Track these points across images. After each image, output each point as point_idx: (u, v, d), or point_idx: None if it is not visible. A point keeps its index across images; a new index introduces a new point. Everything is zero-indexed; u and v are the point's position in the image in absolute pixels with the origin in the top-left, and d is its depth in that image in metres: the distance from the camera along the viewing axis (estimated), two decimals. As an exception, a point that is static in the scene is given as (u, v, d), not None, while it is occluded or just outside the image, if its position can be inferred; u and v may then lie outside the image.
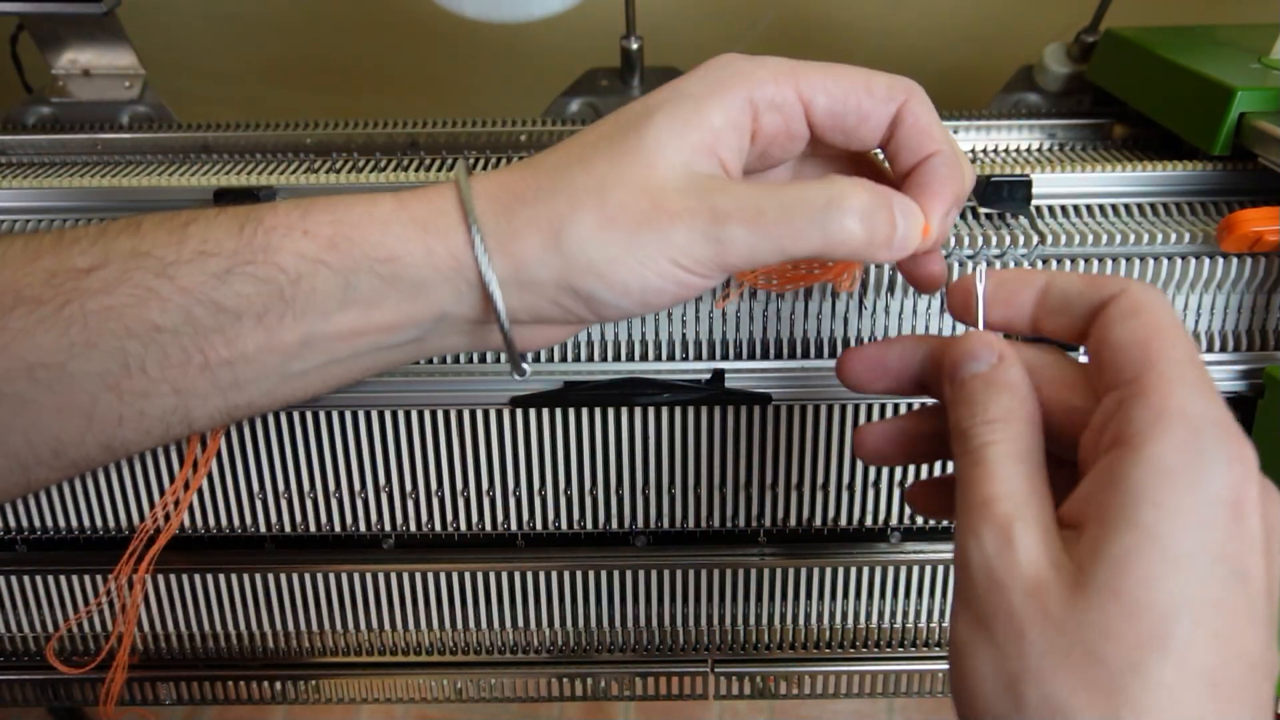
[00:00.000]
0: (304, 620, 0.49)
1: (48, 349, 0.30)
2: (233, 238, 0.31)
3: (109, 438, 0.32)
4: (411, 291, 0.32)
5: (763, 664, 0.49)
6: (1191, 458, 0.25)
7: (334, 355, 0.33)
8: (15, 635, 0.49)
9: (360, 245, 0.31)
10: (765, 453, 0.45)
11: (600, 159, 0.31)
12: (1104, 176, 0.45)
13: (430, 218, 0.31)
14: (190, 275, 0.30)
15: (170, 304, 0.30)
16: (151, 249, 0.31)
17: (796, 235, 0.30)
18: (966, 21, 0.73)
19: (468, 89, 0.79)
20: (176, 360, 0.31)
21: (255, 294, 0.31)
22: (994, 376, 0.29)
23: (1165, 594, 0.24)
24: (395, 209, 0.31)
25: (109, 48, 0.57)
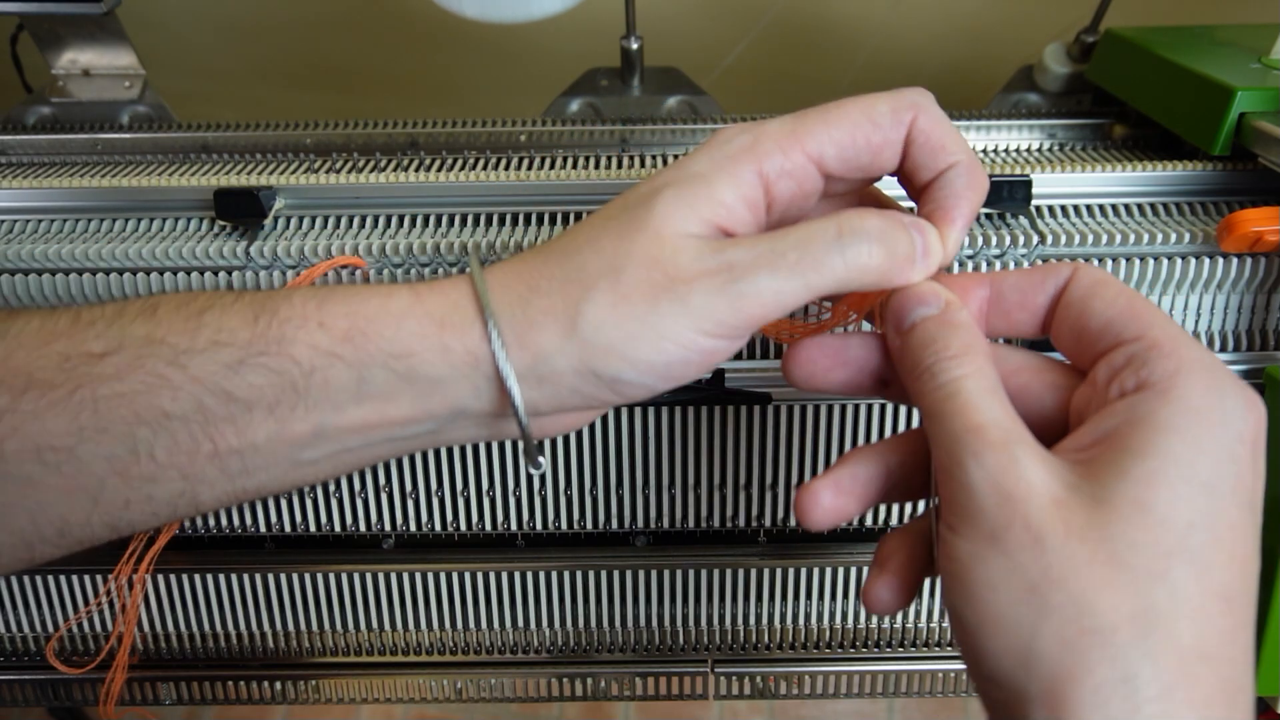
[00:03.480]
0: (304, 620, 0.49)
1: (57, 433, 0.30)
2: (247, 328, 0.31)
3: (115, 519, 0.32)
4: (427, 387, 0.31)
5: (763, 664, 0.49)
6: (1215, 399, 0.26)
7: (346, 445, 0.33)
8: (15, 635, 0.49)
9: (375, 340, 0.31)
10: (765, 453, 0.45)
11: (609, 238, 0.30)
12: (1104, 176, 0.45)
13: (446, 313, 0.31)
14: (203, 365, 0.30)
15: (182, 392, 0.30)
16: (166, 336, 0.30)
17: (819, 267, 0.29)
18: (966, 21, 0.73)
19: (468, 89, 0.79)
20: (185, 447, 0.31)
21: (267, 385, 0.31)
22: (947, 318, 0.30)
23: (1189, 512, 0.25)
24: (411, 303, 0.31)
25: (109, 48, 0.57)
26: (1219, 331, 0.43)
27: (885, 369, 0.32)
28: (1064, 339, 0.30)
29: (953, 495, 0.27)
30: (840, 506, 0.31)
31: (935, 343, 0.29)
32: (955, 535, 0.27)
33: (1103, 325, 0.28)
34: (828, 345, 0.32)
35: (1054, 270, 0.30)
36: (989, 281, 0.31)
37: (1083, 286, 0.30)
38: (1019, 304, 0.31)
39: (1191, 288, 0.42)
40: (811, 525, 0.32)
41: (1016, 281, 0.31)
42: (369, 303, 0.31)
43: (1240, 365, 0.43)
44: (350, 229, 0.44)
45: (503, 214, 0.44)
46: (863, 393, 0.33)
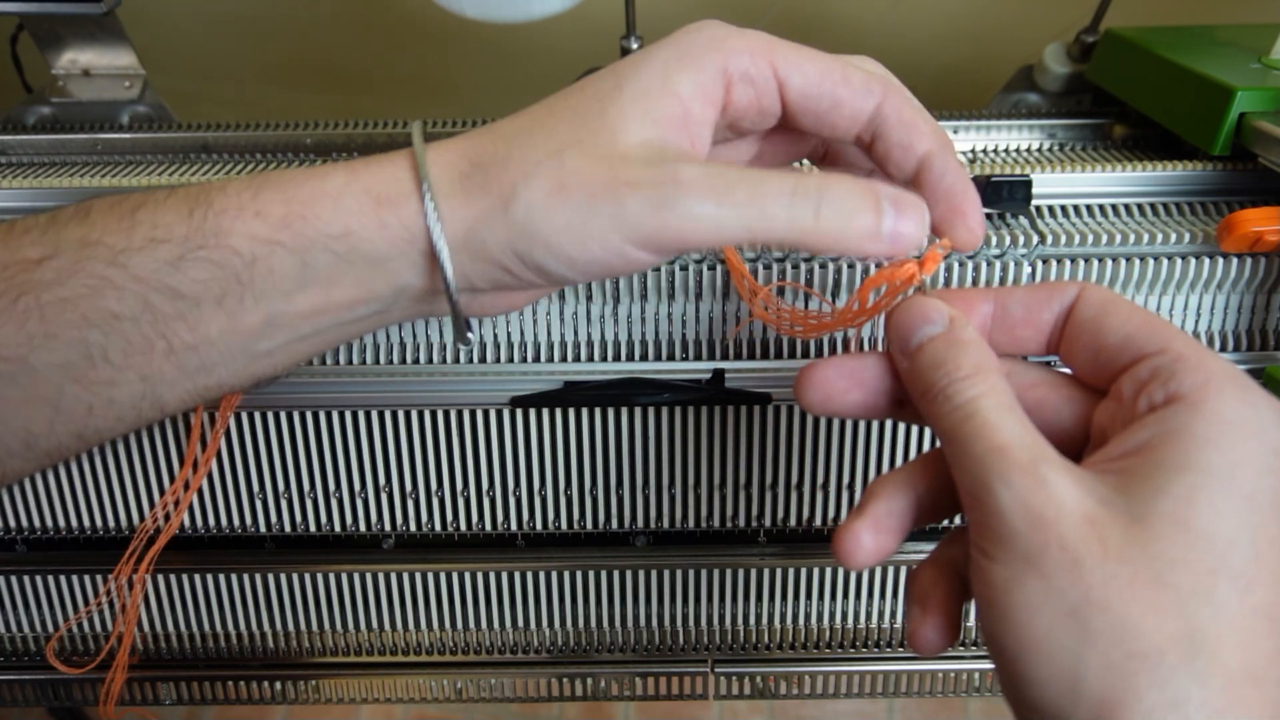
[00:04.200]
0: (304, 620, 0.49)
1: (6, 343, 0.30)
2: (182, 222, 0.30)
3: (80, 427, 0.32)
4: (369, 267, 0.31)
5: (763, 664, 0.49)
6: (1250, 411, 0.25)
7: (298, 333, 0.32)
8: (15, 635, 0.49)
9: (313, 223, 0.30)
10: (765, 453, 0.45)
11: (563, 125, 0.30)
12: (1104, 176, 0.45)
13: (384, 188, 0.31)
14: (143, 263, 0.30)
15: (126, 292, 0.30)
16: (101, 237, 0.30)
17: (765, 215, 0.29)
18: (966, 21, 0.73)
19: (468, 89, 0.79)
20: (139, 347, 0.31)
21: (211, 279, 0.30)
22: (954, 336, 0.29)
23: (1232, 527, 0.24)
24: (347, 180, 0.31)
25: (109, 48, 0.57)
26: (1219, 331, 0.43)
27: (900, 389, 0.31)
28: (1078, 357, 0.29)
29: (983, 520, 0.26)
30: (881, 546, 0.30)
31: (945, 363, 0.28)
32: (989, 560, 0.26)
33: (1122, 340, 0.28)
34: (843, 367, 0.31)
35: (1060, 288, 0.30)
36: (994, 297, 0.31)
37: (1093, 305, 0.29)
38: (1024, 320, 0.30)
39: (1191, 288, 0.42)
40: (855, 568, 0.31)
41: (1022, 298, 0.30)
42: (304, 186, 0.31)
43: (1240, 365, 0.43)
44: (350, 229, 0.44)
45: (503, 214, 0.44)
46: (879, 414, 0.32)
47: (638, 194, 0.28)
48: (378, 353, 0.43)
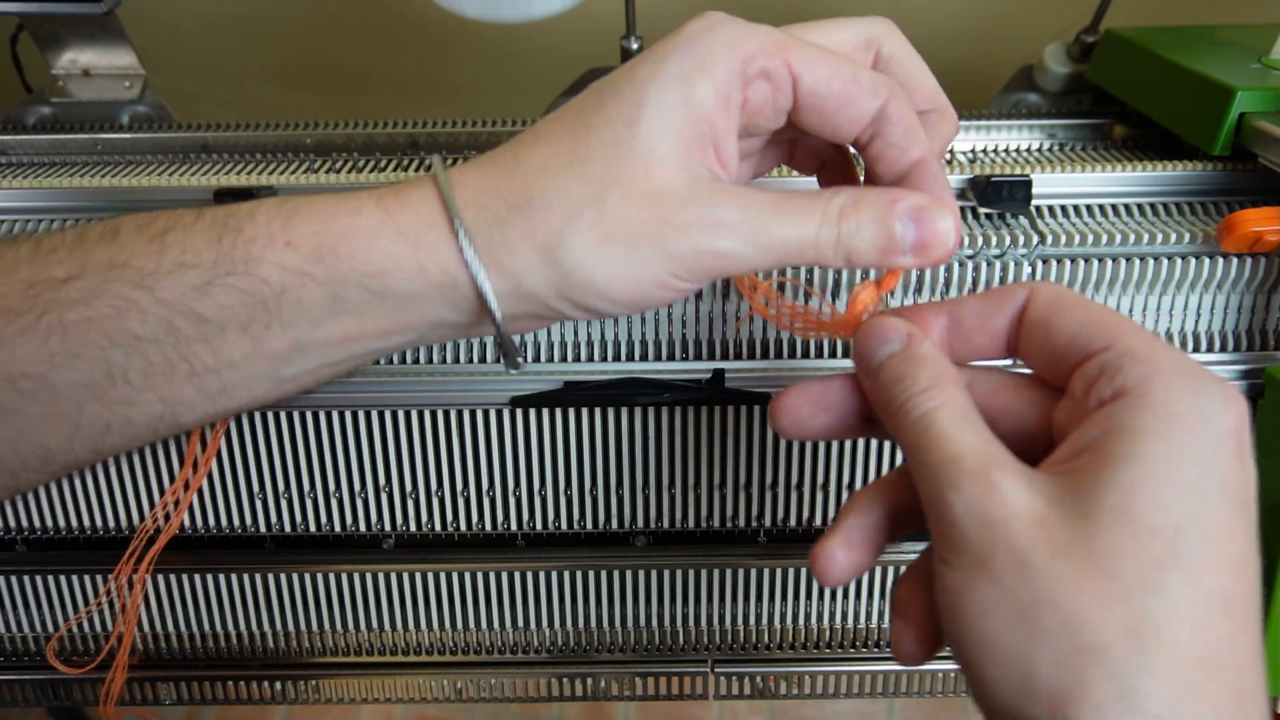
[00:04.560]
0: (304, 620, 0.49)
1: (28, 360, 0.30)
2: (211, 248, 0.30)
3: (97, 443, 0.32)
4: (404, 303, 0.31)
5: (763, 664, 0.49)
6: (1194, 399, 0.25)
7: (327, 359, 0.32)
8: (15, 635, 0.49)
9: (346, 260, 0.30)
10: (765, 453, 0.45)
11: (595, 160, 0.30)
12: (1104, 176, 0.45)
13: (419, 230, 0.30)
14: (170, 287, 0.30)
15: (150, 315, 0.30)
16: (130, 259, 0.30)
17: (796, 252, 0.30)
18: (966, 21, 0.73)
19: (468, 89, 0.79)
20: (161, 369, 0.31)
21: (238, 305, 0.30)
22: (911, 352, 0.29)
23: (1177, 516, 0.24)
24: (381, 220, 0.31)
25: (109, 48, 0.57)
26: (1219, 331, 0.43)
27: (867, 408, 0.32)
28: (1035, 359, 0.30)
29: (940, 529, 0.26)
30: (856, 561, 0.31)
31: (904, 379, 0.29)
32: (946, 567, 0.26)
33: (1069, 338, 0.28)
34: (809, 393, 0.32)
35: (1010, 292, 0.30)
36: (946, 309, 0.31)
37: (1042, 304, 0.29)
38: (978, 329, 0.31)
39: (1191, 288, 0.42)
40: (831, 583, 0.31)
41: (974, 307, 0.31)
42: (338, 219, 0.30)
43: (1240, 365, 0.43)
44: (350, 229, 0.44)
45: (503, 214, 0.44)
46: (850, 434, 0.32)
47: (682, 238, 0.30)
48: (378, 353, 0.43)
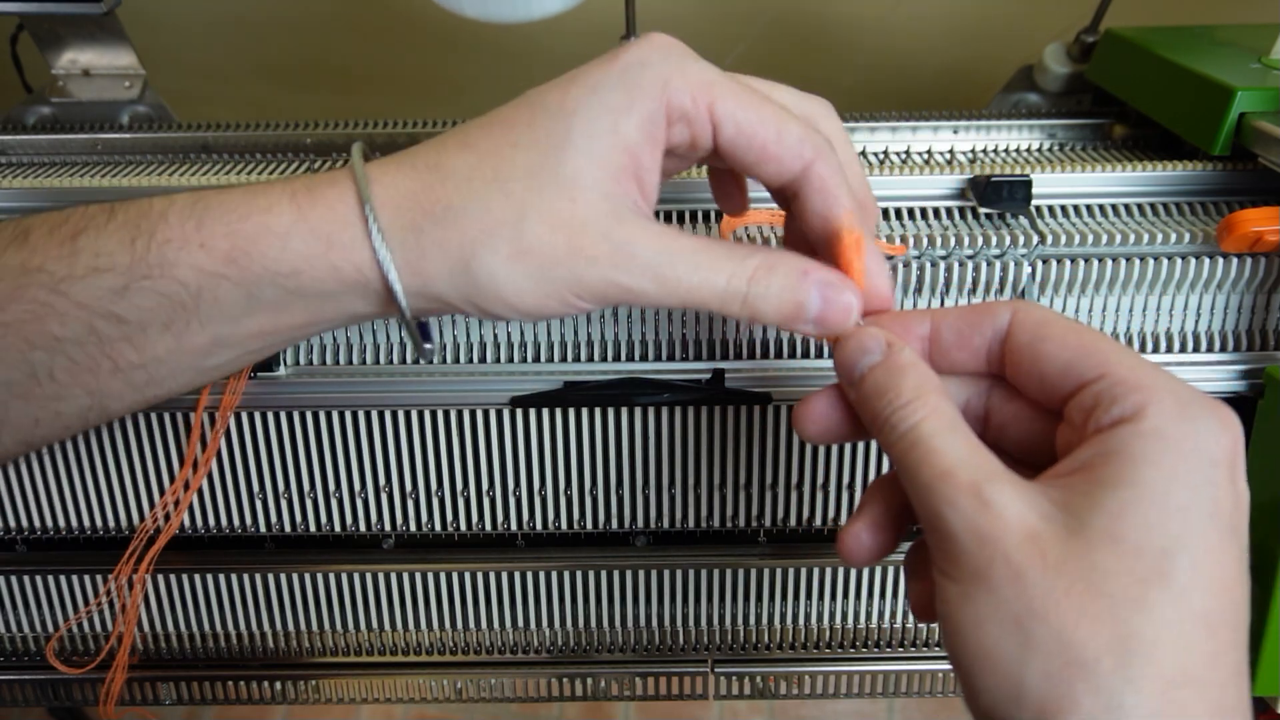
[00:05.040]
0: (304, 620, 0.49)
1: None
2: (125, 251, 0.30)
3: (27, 436, 0.32)
4: (319, 300, 0.31)
5: (763, 664, 0.49)
6: (1186, 426, 0.26)
7: (247, 349, 0.33)
8: (15, 635, 0.49)
9: (259, 261, 0.30)
10: (765, 453, 0.45)
11: (518, 180, 0.30)
12: (1104, 176, 0.45)
13: (332, 231, 0.30)
14: (85, 291, 0.30)
15: (69, 318, 0.30)
16: (43, 264, 0.30)
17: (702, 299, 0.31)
18: (966, 21, 0.73)
19: (468, 89, 0.79)
20: (86, 366, 0.31)
21: (156, 306, 0.30)
22: (891, 362, 0.29)
23: (1165, 539, 0.25)
24: (294, 220, 0.30)
25: (109, 48, 0.57)
26: (1219, 331, 0.43)
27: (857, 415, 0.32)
28: (1025, 385, 0.30)
29: (938, 543, 0.27)
30: (882, 543, 0.31)
31: (886, 392, 0.29)
32: (945, 579, 0.27)
33: (1062, 369, 0.28)
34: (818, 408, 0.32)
35: (991, 311, 0.30)
36: (929, 319, 0.31)
37: (1027, 330, 0.29)
38: (956, 344, 0.31)
39: (1191, 288, 0.42)
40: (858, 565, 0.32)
41: (954, 322, 0.31)
42: (249, 220, 0.31)
43: (1240, 365, 0.43)
44: (350, 229, 0.44)
45: (503, 214, 0.44)
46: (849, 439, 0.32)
47: (594, 267, 0.30)
48: (378, 353, 0.43)
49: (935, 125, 0.52)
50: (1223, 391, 0.43)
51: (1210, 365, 0.43)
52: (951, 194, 0.45)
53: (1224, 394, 0.43)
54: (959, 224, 0.44)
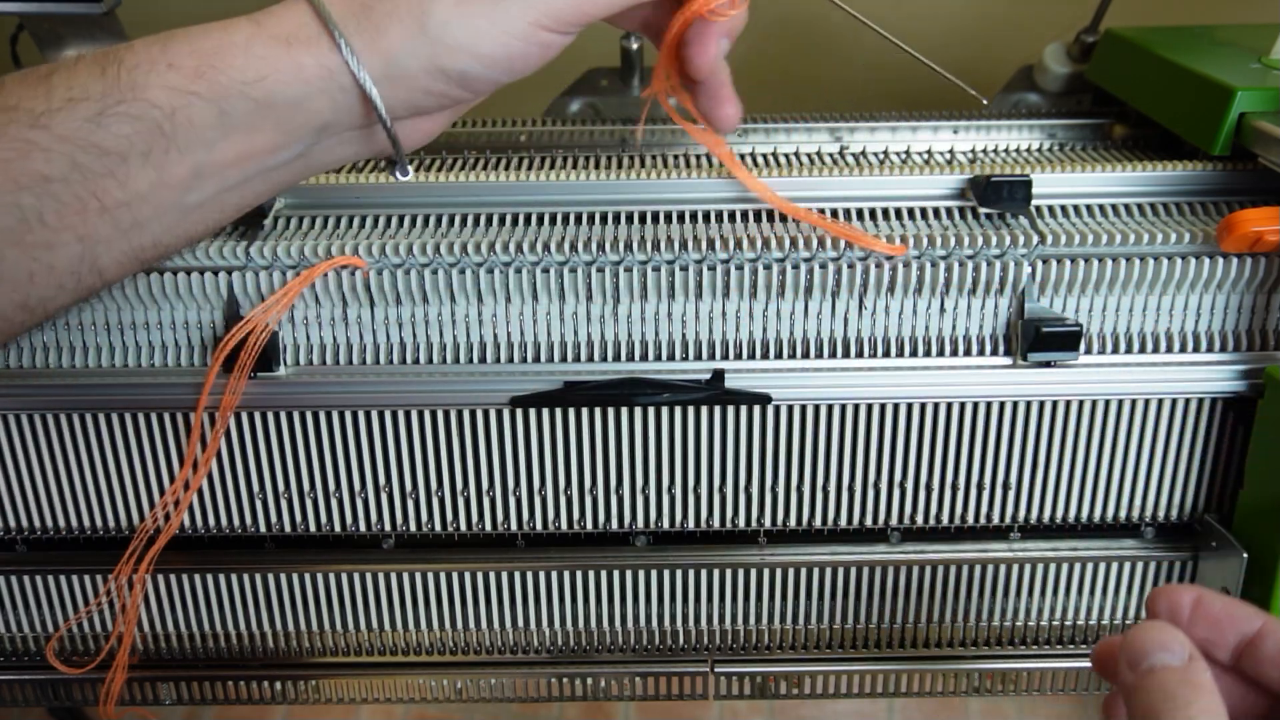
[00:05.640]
0: (304, 620, 0.49)
1: None
2: (97, 80, 0.31)
3: (24, 296, 0.33)
4: (288, 110, 0.32)
5: (763, 664, 0.49)
6: None
7: (226, 182, 0.34)
8: (15, 635, 0.49)
9: (227, 71, 0.32)
10: (765, 453, 0.45)
11: None
12: (1104, 176, 0.45)
13: (291, 31, 0.32)
14: (65, 123, 0.31)
15: (53, 153, 0.31)
16: (19, 103, 0.31)
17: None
18: (966, 21, 0.73)
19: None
20: (73, 207, 0.32)
21: (134, 132, 0.31)
22: (1190, 674, 0.28)
23: None
24: (252, 31, 0.32)
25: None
26: (1219, 331, 0.43)
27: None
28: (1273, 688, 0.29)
29: None
30: None
31: (1173, 698, 0.28)
32: None
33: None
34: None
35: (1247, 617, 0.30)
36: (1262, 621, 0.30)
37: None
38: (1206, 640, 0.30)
39: (1191, 288, 0.42)
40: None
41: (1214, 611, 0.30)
42: (209, 37, 0.32)
43: (1240, 365, 0.43)
44: (350, 229, 0.44)
45: (503, 214, 0.44)
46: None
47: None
48: (378, 353, 0.43)
49: (935, 125, 0.52)
50: (1223, 391, 0.43)
51: (1210, 365, 0.43)
52: (951, 194, 0.45)
53: (1224, 394, 0.43)
54: (959, 224, 0.44)
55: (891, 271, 0.42)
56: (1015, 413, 0.44)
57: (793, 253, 0.42)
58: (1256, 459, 0.43)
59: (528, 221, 0.44)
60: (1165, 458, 0.45)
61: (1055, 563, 0.47)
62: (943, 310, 0.43)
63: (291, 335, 0.43)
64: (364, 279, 0.42)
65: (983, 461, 0.45)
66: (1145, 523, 0.47)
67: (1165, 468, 0.45)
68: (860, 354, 0.43)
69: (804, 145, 0.52)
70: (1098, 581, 0.48)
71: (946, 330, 0.43)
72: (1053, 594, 0.48)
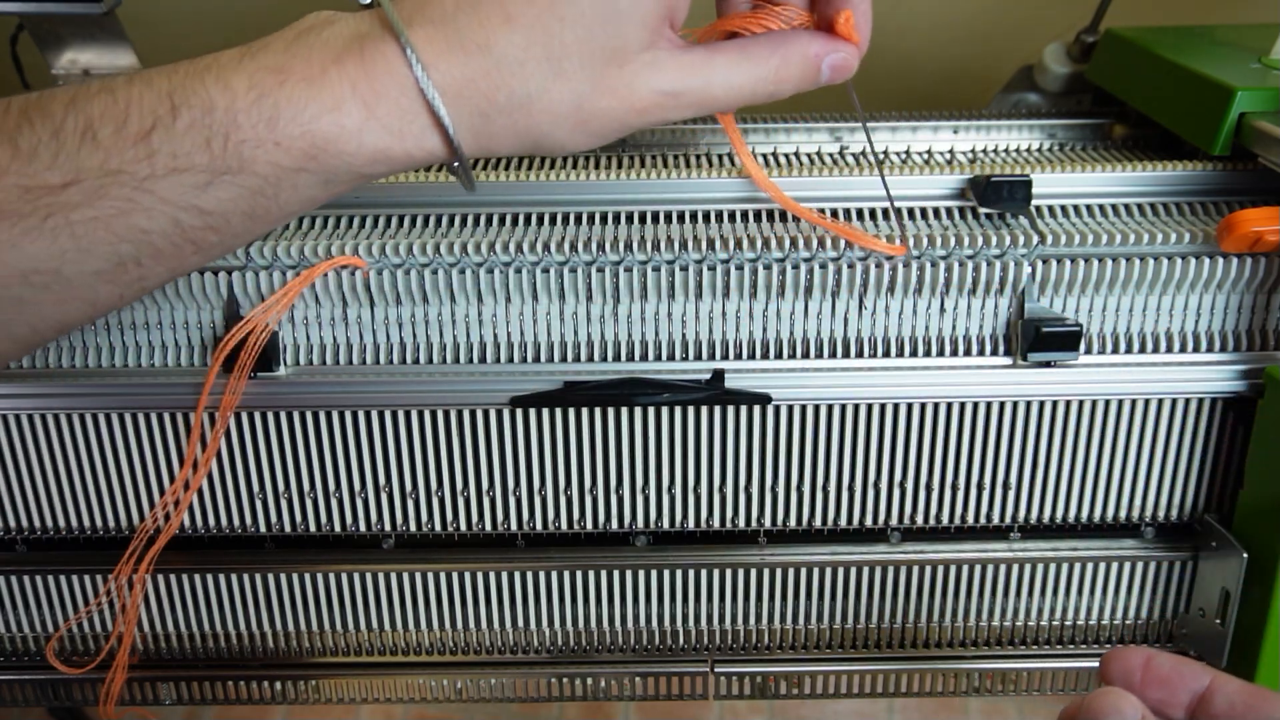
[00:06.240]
0: (304, 620, 0.49)
1: (39, 257, 0.31)
2: (202, 152, 0.31)
3: (110, 309, 0.35)
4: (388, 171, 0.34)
5: (763, 664, 0.49)
6: None
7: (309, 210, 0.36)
8: (15, 635, 0.49)
9: (337, 157, 0.32)
10: (765, 453, 0.45)
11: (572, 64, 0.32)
12: (1104, 176, 0.45)
13: (402, 125, 0.32)
14: (169, 189, 0.31)
15: (155, 212, 0.31)
16: (122, 166, 0.31)
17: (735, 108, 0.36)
18: (966, 21, 0.73)
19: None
20: (169, 254, 0.32)
21: (238, 197, 0.32)
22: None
23: None
24: (364, 118, 0.32)
25: (109, 48, 0.57)
26: (1219, 331, 0.43)
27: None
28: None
29: None
30: None
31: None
32: None
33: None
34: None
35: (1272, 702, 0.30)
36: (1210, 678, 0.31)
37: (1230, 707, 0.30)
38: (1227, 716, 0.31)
39: (1191, 288, 0.42)
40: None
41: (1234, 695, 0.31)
42: (321, 120, 0.32)
43: (1240, 365, 0.43)
44: (350, 229, 0.44)
45: (503, 214, 0.44)
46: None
47: (646, 116, 0.34)
48: (378, 353, 0.43)
49: (935, 125, 0.52)
50: (1223, 391, 0.43)
51: (1210, 365, 0.43)
52: (951, 194, 0.45)
53: (1224, 394, 0.43)
54: (959, 224, 0.44)
55: (891, 271, 0.42)
56: (1015, 413, 0.44)
57: (793, 253, 0.42)
58: (1256, 459, 0.43)
59: (528, 221, 0.44)
60: (1165, 458, 0.45)
61: (1055, 563, 0.47)
62: (943, 310, 0.43)
63: (291, 335, 0.43)
64: (364, 279, 0.42)
65: (983, 461, 0.45)
66: (1145, 523, 0.47)
67: (1165, 468, 0.45)
68: (860, 354, 0.43)
69: (804, 145, 0.52)
70: (1098, 581, 0.48)
71: (946, 330, 0.43)
72: (1053, 594, 0.48)
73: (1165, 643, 0.49)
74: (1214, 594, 0.45)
